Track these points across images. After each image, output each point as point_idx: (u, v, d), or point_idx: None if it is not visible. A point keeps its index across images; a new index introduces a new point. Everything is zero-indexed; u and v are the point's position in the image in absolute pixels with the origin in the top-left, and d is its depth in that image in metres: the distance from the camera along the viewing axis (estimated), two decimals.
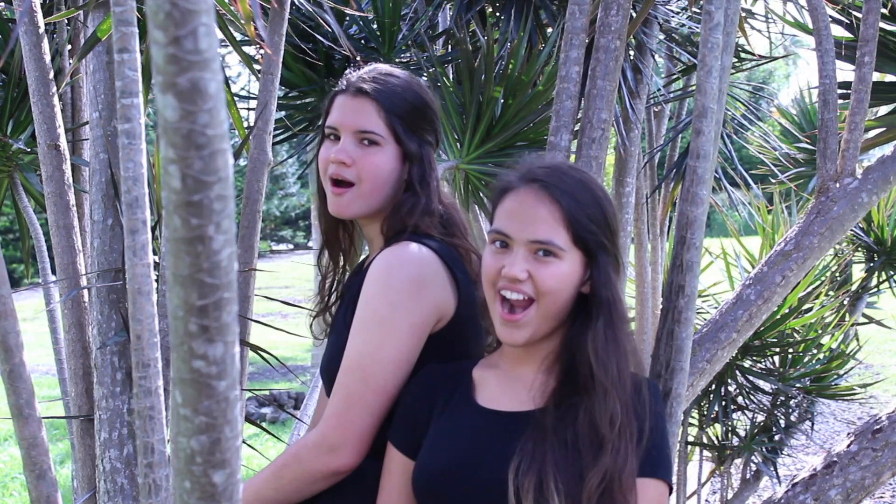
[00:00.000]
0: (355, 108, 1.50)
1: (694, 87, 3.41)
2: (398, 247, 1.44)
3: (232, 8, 1.84)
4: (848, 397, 3.68)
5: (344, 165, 1.49)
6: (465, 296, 1.46)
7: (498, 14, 3.42)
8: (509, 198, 1.29)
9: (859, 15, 2.44)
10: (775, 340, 3.43)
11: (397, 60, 3.05)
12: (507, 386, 1.32)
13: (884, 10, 2.78)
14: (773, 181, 4.95)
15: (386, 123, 1.49)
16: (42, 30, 2.07)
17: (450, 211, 1.56)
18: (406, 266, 1.41)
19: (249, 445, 2.01)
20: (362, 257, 1.71)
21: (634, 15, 2.47)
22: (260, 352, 2.07)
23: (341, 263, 1.67)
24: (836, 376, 3.53)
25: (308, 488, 1.41)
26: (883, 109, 3.20)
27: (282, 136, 3.12)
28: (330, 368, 1.52)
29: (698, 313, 3.74)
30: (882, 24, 2.75)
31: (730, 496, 3.78)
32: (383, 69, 1.55)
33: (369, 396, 1.37)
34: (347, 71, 1.57)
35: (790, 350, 3.46)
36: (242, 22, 1.64)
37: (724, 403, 3.44)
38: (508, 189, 1.30)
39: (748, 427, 3.59)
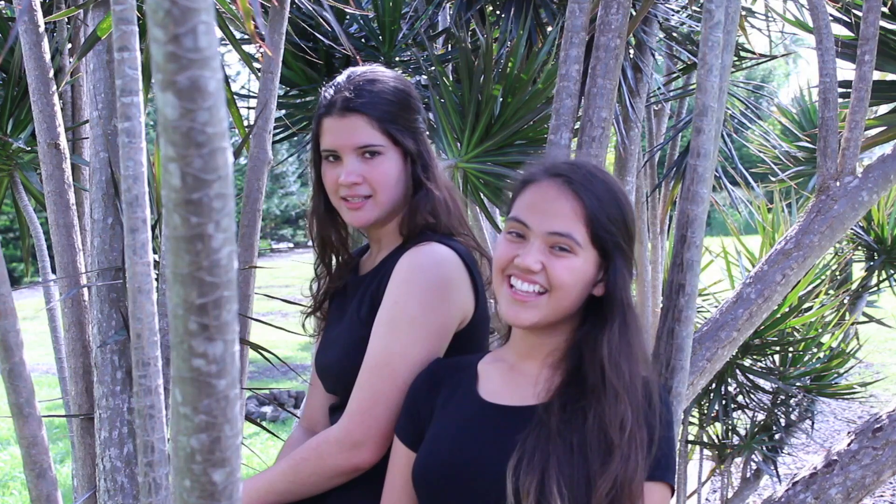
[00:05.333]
0: (347, 127, 1.50)
1: (694, 86, 3.40)
2: (424, 247, 1.46)
3: (232, 6, 1.84)
4: (848, 396, 3.68)
5: (356, 185, 1.50)
6: (481, 297, 1.48)
7: (498, 13, 3.42)
8: (531, 189, 1.28)
9: (860, 13, 2.43)
10: (775, 339, 3.43)
11: (397, 59, 3.05)
12: (510, 380, 1.32)
13: (884, 9, 2.78)
14: (774, 180, 4.95)
15: (381, 132, 1.50)
16: (42, 28, 2.07)
17: (453, 196, 1.58)
18: (436, 268, 1.43)
19: (247, 447, 2.01)
20: (362, 252, 1.71)
21: (634, 13, 2.47)
22: (260, 351, 2.07)
23: (333, 266, 1.68)
24: (836, 375, 3.52)
25: (326, 483, 1.43)
26: (883, 108, 3.20)
27: (282, 135, 3.12)
28: (340, 364, 1.52)
29: (699, 312, 3.74)
30: (882, 23, 2.75)
31: (730, 495, 3.78)
32: (357, 76, 1.54)
33: (395, 395, 1.39)
34: (323, 89, 1.57)
35: (790, 349, 3.46)
36: (242, 20, 1.64)
37: (724, 402, 3.44)
38: (531, 181, 1.29)
39: (748, 426, 3.59)
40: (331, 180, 1.53)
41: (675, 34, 3.70)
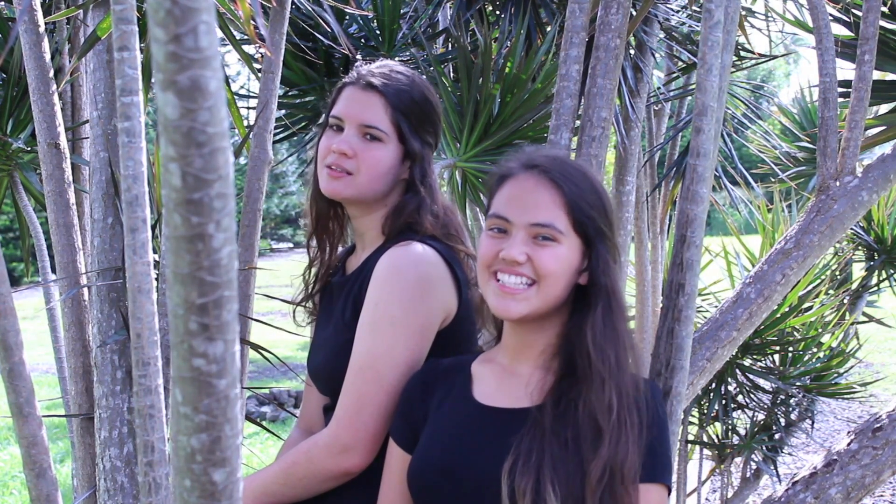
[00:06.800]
0: (363, 101, 1.50)
1: (694, 86, 3.40)
2: (403, 247, 1.44)
3: (232, 7, 1.84)
4: (848, 396, 3.68)
5: (345, 156, 1.49)
6: (464, 296, 1.47)
7: (497, 13, 3.42)
8: (509, 183, 1.28)
9: (859, 13, 2.43)
10: (775, 339, 3.43)
11: (397, 59, 3.05)
12: (504, 381, 1.31)
13: (884, 9, 2.78)
14: (774, 180, 4.95)
15: (391, 120, 1.49)
16: (42, 28, 2.06)
17: (448, 213, 1.57)
18: (414, 267, 1.42)
19: (247, 447, 2.01)
20: (348, 252, 1.70)
21: (634, 13, 2.47)
22: (260, 350, 2.07)
23: (328, 251, 1.67)
24: (836, 375, 3.53)
25: (318, 487, 1.42)
26: (883, 108, 3.20)
27: (282, 135, 3.12)
28: (328, 367, 1.52)
29: (698, 312, 3.74)
30: (882, 23, 2.75)
31: (730, 495, 3.78)
32: (394, 66, 1.55)
33: (382, 397, 1.38)
34: (358, 63, 1.57)
35: (790, 348, 3.46)
36: (242, 21, 1.64)
37: (724, 402, 3.44)
38: (508, 175, 1.29)
39: (748, 425, 3.59)
40: (324, 146, 1.52)
41: (675, 34, 3.70)
